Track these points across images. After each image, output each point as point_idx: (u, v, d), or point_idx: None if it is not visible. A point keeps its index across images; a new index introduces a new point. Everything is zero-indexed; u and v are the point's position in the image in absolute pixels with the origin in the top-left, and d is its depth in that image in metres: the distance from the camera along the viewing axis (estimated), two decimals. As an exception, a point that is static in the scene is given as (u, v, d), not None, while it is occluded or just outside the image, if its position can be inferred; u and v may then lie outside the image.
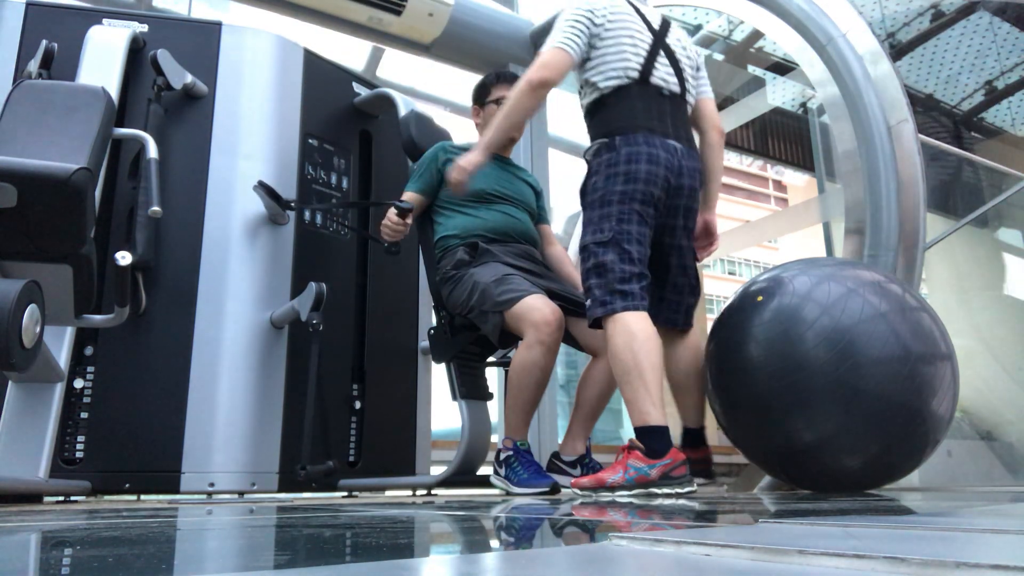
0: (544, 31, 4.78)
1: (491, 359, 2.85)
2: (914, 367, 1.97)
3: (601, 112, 2.30)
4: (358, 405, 2.99)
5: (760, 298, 2.12)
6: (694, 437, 2.35)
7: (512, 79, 2.84)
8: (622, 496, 1.95)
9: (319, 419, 2.53)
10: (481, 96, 2.85)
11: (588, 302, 2.16)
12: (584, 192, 2.27)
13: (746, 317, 2.15)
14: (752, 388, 2.10)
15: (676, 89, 2.32)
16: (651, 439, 2.01)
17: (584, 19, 2.27)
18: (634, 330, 2.06)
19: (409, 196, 2.69)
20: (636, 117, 2.26)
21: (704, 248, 2.48)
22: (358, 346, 3.05)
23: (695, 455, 2.26)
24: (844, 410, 1.96)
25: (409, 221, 2.58)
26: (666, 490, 1.98)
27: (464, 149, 2.82)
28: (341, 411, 2.93)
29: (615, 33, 2.30)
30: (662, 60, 2.32)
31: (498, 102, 2.77)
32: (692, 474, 2.07)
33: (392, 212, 2.56)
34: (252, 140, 2.84)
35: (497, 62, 4.73)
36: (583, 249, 2.20)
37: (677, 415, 2.40)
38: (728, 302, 2.29)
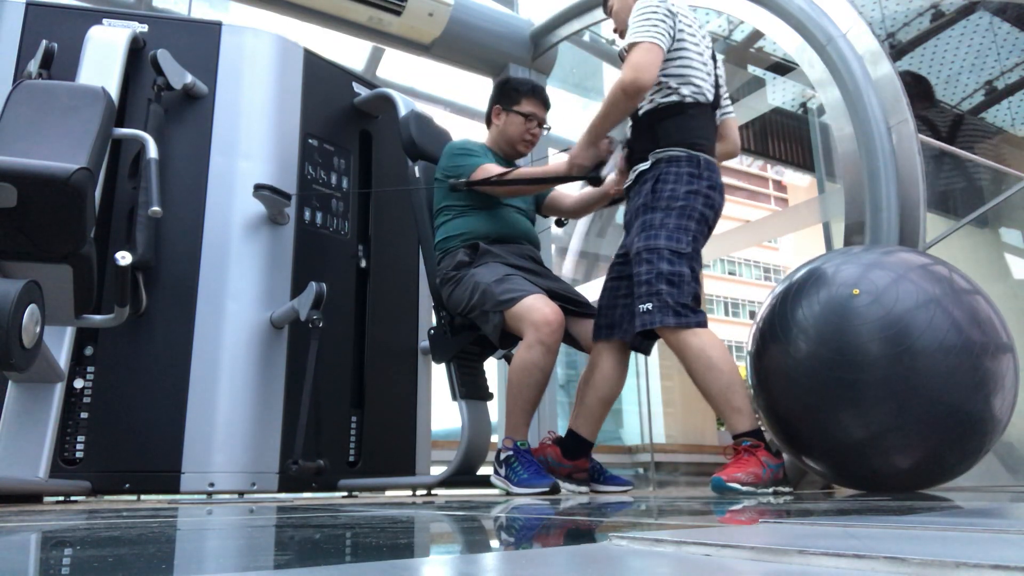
0: (544, 31, 4.79)
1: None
2: (975, 360, 1.82)
3: (681, 119, 2.24)
4: (358, 405, 2.99)
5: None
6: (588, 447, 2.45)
7: (545, 100, 2.76)
8: (762, 493, 1.98)
9: (314, 416, 2.53)
10: (509, 101, 2.73)
11: (651, 305, 2.10)
12: (657, 191, 2.19)
13: (794, 310, 2.04)
14: (800, 382, 2.00)
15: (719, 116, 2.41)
16: (763, 439, 2.07)
17: (666, 14, 2.20)
18: (719, 344, 2.11)
19: (491, 166, 2.58)
20: (710, 141, 2.30)
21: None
22: (358, 346, 3.05)
23: (585, 466, 2.46)
24: (898, 406, 1.84)
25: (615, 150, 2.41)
26: (787, 489, 2.06)
27: (483, 147, 2.77)
28: (341, 411, 2.93)
29: (688, 40, 2.27)
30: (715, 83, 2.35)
31: (527, 117, 2.71)
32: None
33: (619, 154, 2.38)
34: (252, 140, 2.84)
35: (497, 62, 4.74)
36: (652, 250, 2.13)
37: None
38: (772, 295, 2.20)
